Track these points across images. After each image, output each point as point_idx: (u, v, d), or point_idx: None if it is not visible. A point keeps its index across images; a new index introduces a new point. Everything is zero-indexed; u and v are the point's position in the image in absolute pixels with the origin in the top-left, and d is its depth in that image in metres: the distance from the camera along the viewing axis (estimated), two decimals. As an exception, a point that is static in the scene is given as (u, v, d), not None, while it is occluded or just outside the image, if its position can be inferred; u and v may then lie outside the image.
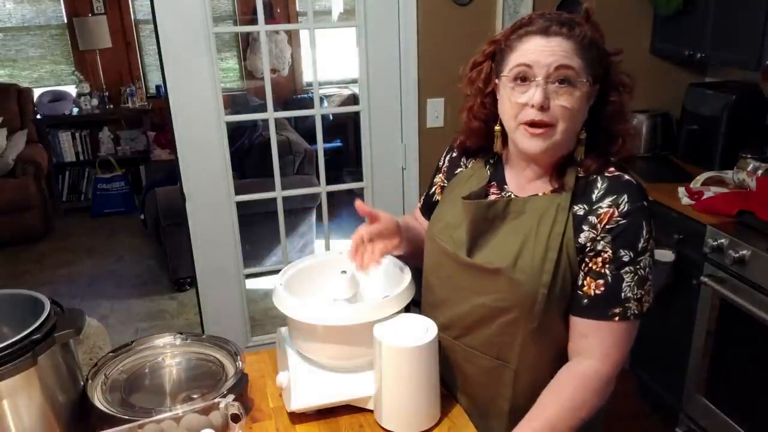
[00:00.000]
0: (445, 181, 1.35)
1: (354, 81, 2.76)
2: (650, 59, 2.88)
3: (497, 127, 1.20)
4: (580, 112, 1.10)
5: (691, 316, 2.27)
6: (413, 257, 1.33)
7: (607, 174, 1.13)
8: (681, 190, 2.37)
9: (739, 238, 2.04)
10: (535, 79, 1.07)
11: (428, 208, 1.38)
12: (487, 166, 1.26)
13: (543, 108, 1.07)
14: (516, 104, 1.10)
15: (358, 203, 1.26)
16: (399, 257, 1.33)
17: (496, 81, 1.16)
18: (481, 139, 1.25)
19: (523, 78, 1.09)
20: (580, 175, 1.14)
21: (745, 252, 2.01)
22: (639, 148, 2.85)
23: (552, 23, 1.08)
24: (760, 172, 2.26)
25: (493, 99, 1.19)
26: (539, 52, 1.07)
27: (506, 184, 1.23)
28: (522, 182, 1.21)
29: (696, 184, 2.40)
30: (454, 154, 1.35)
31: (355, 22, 2.55)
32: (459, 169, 1.33)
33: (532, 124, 1.08)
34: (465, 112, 1.25)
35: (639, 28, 2.83)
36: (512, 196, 1.20)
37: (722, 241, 2.09)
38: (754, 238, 2.02)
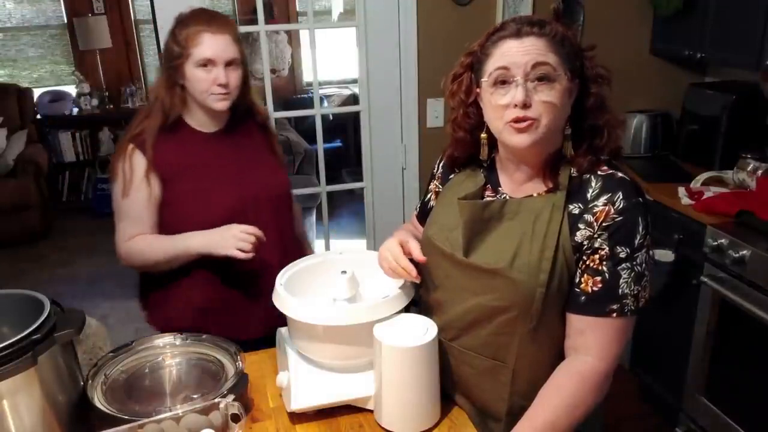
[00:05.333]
0: (440, 187, 1.36)
1: (354, 81, 2.76)
2: (650, 59, 2.88)
3: (483, 135, 1.21)
4: (562, 106, 1.11)
5: (691, 316, 2.27)
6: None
7: (600, 173, 1.15)
8: (681, 190, 2.38)
9: (739, 238, 2.04)
10: (514, 80, 1.09)
11: (425, 215, 1.38)
12: (481, 170, 1.27)
13: (525, 105, 1.08)
14: (499, 107, 1.11)
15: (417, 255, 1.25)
16: None
17: (478, 90, 1.17)
18: (468, 148, 1.27)
19: (502, 81, 1.11)
20: (573, 174, 1.15)
21: (745, 252, 2.01)
22: (639, 147, 2.85)
23: (523, 25, 1.11)
24: (760, 172, 2.26)
25: (476, 108, 1.20)
26: (514, 53, 1.10)
27: (500, 187, 1.24)
28: (516, 184, 1.22)
29: (696, 184, 2.40)
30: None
31: (355, 22, 2.55)
32: (453, 174, 1.34)
33: (516, 120, 1.10)
34: (450, 123, 1.27)
35: (639, 28, 2.83)
36: (507, 197, 1.21)
37: (722, 241, 2.09)
38: (754, 238, 2.02)
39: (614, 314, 1.11)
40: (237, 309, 1.66)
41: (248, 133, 1.73)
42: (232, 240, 1.49)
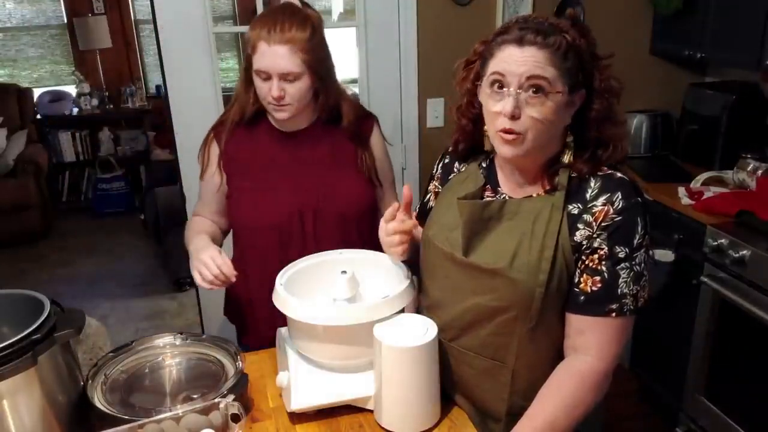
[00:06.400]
0: (439, 188, 1.36)
1: (354, 81, 2.75)
2: (650, 59, 2.88)
3: (486, 127, 1.20)
4: (552, 122, 1.09)
5: (691, 316, 2.28)
6: (412, 265, 1.33)
7: (599, 173, 1.15)
8: (681, 190, 2.38)
9: (739, 238, 2.04)
10: (508, 89, 1.08)
11: (424, 215, 1.38)
12: (481, 170, 1.27)
13: (514, 117, 1.08)
14: (491, 112, 1.11)
15: (406, 189, 1.26)
16: None
17: (479, 84, 1.17)
18: (470, 137, 1.27)
19: (499, 86, 1.10)
20: (572, 175, 1.15)
21: (745, 252, 2.01)
22: (639, 147, 2.85)
23: (527, 32, 1.08)
24: (760, 172, 2.26)
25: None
26: (512, 61, 1.08)
27: (500, 187, 1.24)
28: (515, 185, 1.22)
29: (696, 184, 2.40)
30: (447, 161, 1.37)
31: (355, 22, 2.55)
32: (452, 174, 1.34)
33: (504, 131, 1.10)
34: (455, 109, 1.26)
35: (639, 28, 2.83)
36: (507, 197, 1.21)
37: (722, 241, 2.09)
38: (754, 238, 2.02)
39: (613, 314, 1.11)
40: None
41: (333, 140, 1.63)
42: (197, 262, 1.44)
